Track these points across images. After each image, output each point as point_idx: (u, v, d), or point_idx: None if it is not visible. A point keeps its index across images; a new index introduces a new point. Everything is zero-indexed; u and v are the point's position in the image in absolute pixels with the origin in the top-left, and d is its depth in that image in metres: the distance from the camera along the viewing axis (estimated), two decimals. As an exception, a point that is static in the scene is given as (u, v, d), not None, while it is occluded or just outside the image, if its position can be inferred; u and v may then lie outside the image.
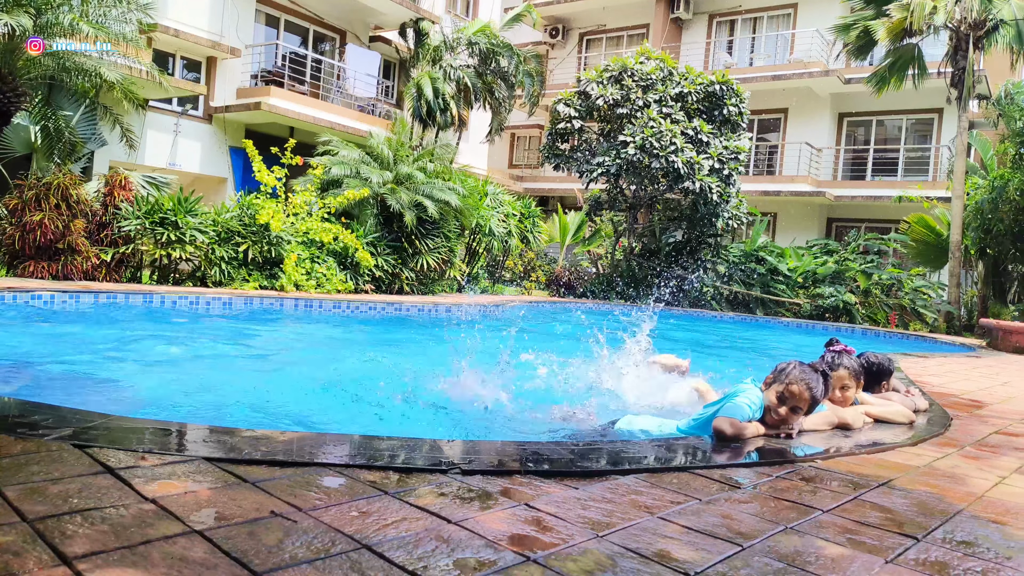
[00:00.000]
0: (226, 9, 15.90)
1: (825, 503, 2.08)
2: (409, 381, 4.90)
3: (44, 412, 2.39)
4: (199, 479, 1.80)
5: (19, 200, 8.57)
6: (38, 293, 7.20)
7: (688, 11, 21.83)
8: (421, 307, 10.15)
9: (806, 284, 14.94)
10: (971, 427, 3.64)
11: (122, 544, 1.38)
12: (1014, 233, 12.90)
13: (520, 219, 15.00)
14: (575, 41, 24.77)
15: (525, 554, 1.51)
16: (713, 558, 1.58)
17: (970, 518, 2.07)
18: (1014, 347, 9.62)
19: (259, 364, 5.42)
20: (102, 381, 4.36)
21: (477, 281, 14.43)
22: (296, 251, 9.99)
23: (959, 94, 13.52)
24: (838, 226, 20.72)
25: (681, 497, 2.02)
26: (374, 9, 18.39)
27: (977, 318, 13.22)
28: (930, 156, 19.68)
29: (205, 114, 15.83)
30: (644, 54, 15.37)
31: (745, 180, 19.28)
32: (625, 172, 14.32)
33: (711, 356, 7.70)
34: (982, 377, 6.21)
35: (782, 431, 2.86)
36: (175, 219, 9.09)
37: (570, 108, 15.30)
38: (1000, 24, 12.96)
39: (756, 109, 20.05)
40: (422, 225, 11.68)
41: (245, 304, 8.66)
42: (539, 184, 23.95)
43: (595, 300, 15.00)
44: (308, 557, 1.40)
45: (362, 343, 7.38)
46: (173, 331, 6.75)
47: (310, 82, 17.78)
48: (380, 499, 1.78)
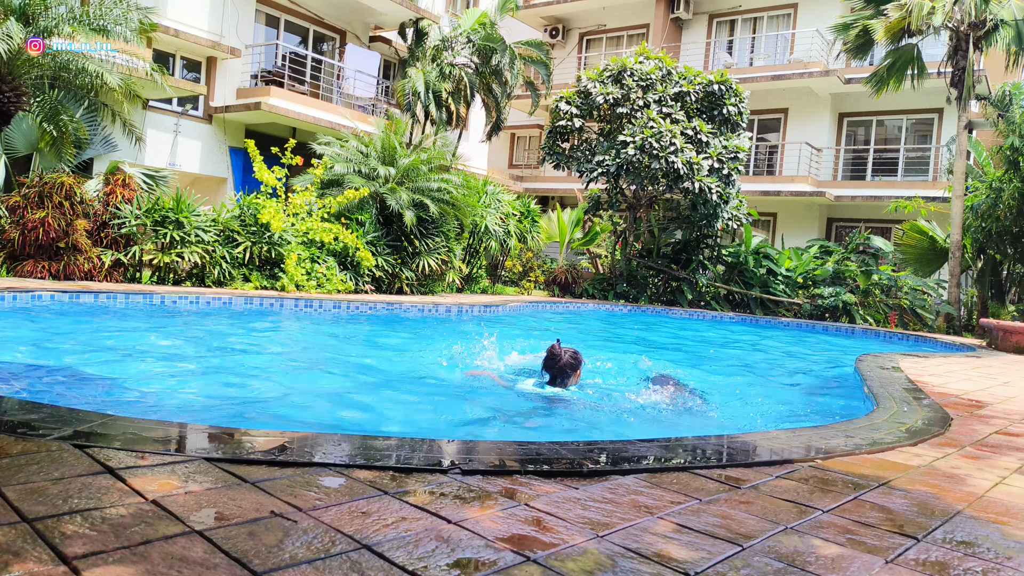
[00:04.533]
0: (226, 9, 15.91)
1: (825, 503, 2.08)
2: (409, 381, 4.90)
3: (44, 412, 2.39)
4: (199, 479, 1.80)
5: (20, 198, 8.56)
6: (38, 293, 7.19)
7: (688, 11, 21.83)
8: (421, 307, 10.14)
9: (806, 284, 14.93)
10: (971, 427, 3.64)
11: (122, 544, 1.38)
12: (1012, 234, 12.91)
13: (519, 219, 15.00)
14: (575, 41, 24.77)
15: (525, 554, 1.51)
16: (713, 558, 1.58)
17: (970, 518, 2.07)
18: (1014, 347, 9.62)
19: (259, 364, 5.41)
20: (102, 381, 4.36)
21: (477, 281, 14.43)
22: (296, 251, 9.99)
23: (959, 94, 13.52)
24: (838, 226, 20.72)
25: (681, 497, 2.02)
26: (374, 9, 18.39)
27: (977, 318, 13.21)
28: (930, 156, 19.68)
29: (205, 114, 15.83)
30: (643, 54, 15.37)
31: (745, 180, 19.28)
32: (625, 172, 14.31)
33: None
34: (982, 377, 6.20)
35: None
36: (176, 218, 9.10)
37: (571, 106, 15.30)
38: (1000, 24, 12.95)
39: (756, 109, 20.06)
40: (422, 225, 11.68)
41: (245, 304, 8.65)
42: (539, 184, 23.96)
43: (594, 300, 15.01)
44: (308, 557, 1.40)
45: (362, 343, 7.38)
46: (173, 331, 6.75)
47: (310, 82, 17.78)
48: (380, 499, 1.78)
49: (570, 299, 14.91)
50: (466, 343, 6.06)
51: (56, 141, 10.51)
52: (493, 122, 16.55)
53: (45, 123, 10.07)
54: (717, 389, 5.84)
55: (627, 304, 14.52)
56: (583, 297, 15.62)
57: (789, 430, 3.24)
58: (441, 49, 15.60)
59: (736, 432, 4.01)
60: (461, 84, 15.33)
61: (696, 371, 7.02)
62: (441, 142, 12.92)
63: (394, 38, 19.60)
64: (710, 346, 9.80)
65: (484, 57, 15.68)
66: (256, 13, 16.92)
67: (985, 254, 13.80)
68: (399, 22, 18.07)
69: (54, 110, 9.89)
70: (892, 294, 14.21)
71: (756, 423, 4.61)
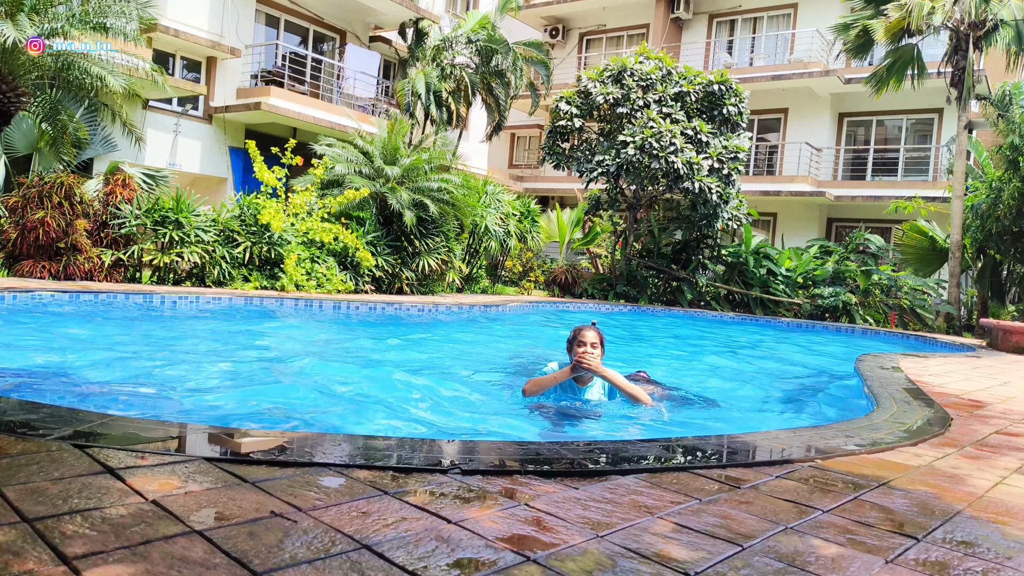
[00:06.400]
0: (226, 9, 15.91)
1: (825, 503, 2.08)
2: (408, 380, 4.90)
3: (44, 412, 2.39)
4: (199, 479, 1.80)
5: (20, 198, 8.56)
6: (38, 293, 7.19)
7: (688, 11, 21.83)
8: (421, 307, 10.14)
9: (806, 284, 14.94)
10: (971, 427, 3.64)
11: (122, 544, 1.38)
12: (1012, 233, 12.91)
13: (519, 219, 15.00)
14: (575, 41, 24.78)
15: (525, 554, 1.51)
16: (713, 558, 1.58)
17: (970, 518, 2.07)
18: (1014, 347, 9.62)
19: (259, 364, 5.41)
20: (102, 381, 4.36)
21: (477, 281, 14.43)
22: (296, 251, 9.99)
23: (959, 94, 13.52)
24: (838, 226, 20.72)
25: (681, 497, 2.02)
26: (374, 9, 18.40)
27: (977, 318, 13.21)
28: (930, 156, 19.68)
29: (205, 114, 15.83)
30: (643, 54, 15.37)
31: (745, 180, 19.28)
32: (625, 172, 14.32)
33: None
34: (982, 377, 6.20)
35: (583, 361, 3.98)
36: (176, 218, 9.10)
37: (571, 106, 15.31)
38: (1000, 24, 12.95)
39: (756, 109, 20.05)
40: (422, 225, 11.68)
41: (246, 304, 8.65)
42: (539, 184, 23.96)
43: (594, 300, 15.01)
44: (308, 557, 1.40)
45: (363, 343, 7.38)
46: (173, 331, 6.75)
47: (310, 82, 17.78)
48: (380, 499, 1.78)
49: (570, 299, 14.91)
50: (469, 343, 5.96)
51: (56, 141, 10.52)
52: (495, 122, 16.56)
53: (45, 123, 10.08)
54: (717, 389, 5.84)
55: (627, 304, 14.52)
56: (583, 297, 15.62)
57: (789, 430, 3.24)
58: (441, 49, 15.61)
59: (736, 432, 4.01)
60: (462, 84, 15.34)
61: (695, 371, 7.02)
62: (441, 142, 12.93)
63: (394, 38, 19.60)
64: (711, 347, 9.80)
65: (485, 57, 15.68)
66: (256, 13, 16.92)
67: (985, 254, 13.80)
68: (399, 22, 18.09)
69: (54, 110, 9.89)
70: (892, 294, 14.21)
71: (756, 423, 4.61)
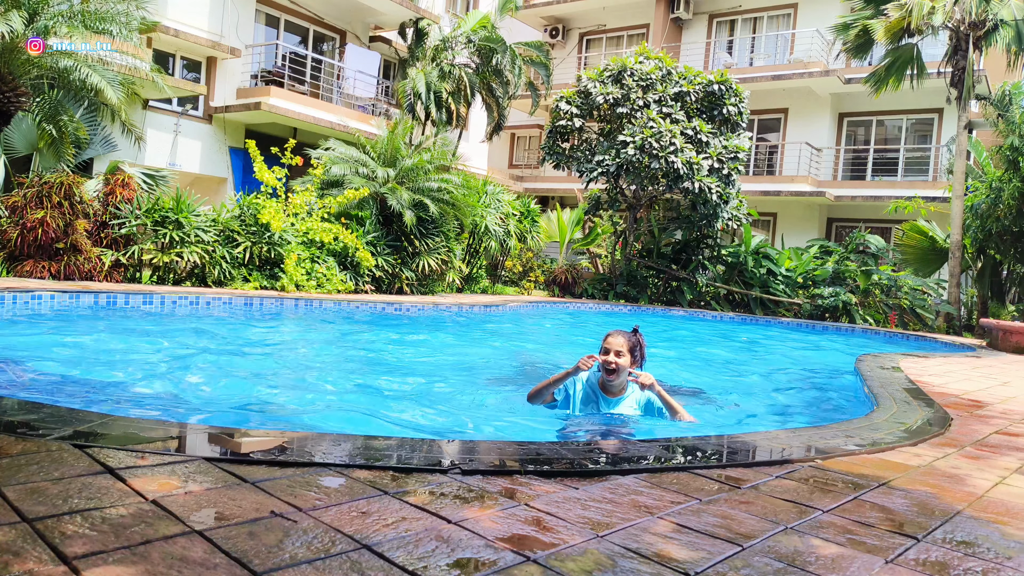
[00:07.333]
0: (226, 9, 15.91)
1: (825, 503, 2.08)
2: (408, 380, 4.91)
3: (44, 412, 2.39)
4: (199, 479, 1.80)
5: (20, 198, 8.56)
6: (38, 293, 7.19)
7: (688, 11, 21.83)
8: (421, 307, 10.14)
9: (806, 284, 14.93)
10: (971, 427, 3.64)
11: (122, 544, 1.38)
12: (1012, 233, 12.90)
13: (519, 219, 15.00)
14: (575, 41, 24.77)
15: (525, 554, 1.51)
16: (713, 558, 1.58)
17: (970, 518, 2.07)
18: (1014, 347, 9.62)
19: (259, 364, 5.41)
20: (102, 381, 4.36)
21: (477, 281, 14.43)
22: (296, 251, 9.99)
23: (959, 94, 13.51)
24: (838, 226, 20.72)
25: (681, 497, 2.02)
26: (374, 9, 18.40)
27: (977, 318, 13.21)
28: (930, 156, 19.68)
29: (205, 114, 15.84)
30: (643, 54, 15.37)
31: (745, 180, 19.28)
32: (625, 172, 14.31)
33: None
34: (982, 377, 6.20)
35: (610, 363, 3.81)
36: (176, 218, 9.09)
37: (571, 106, 15.31)
38: (1000, 24, 12.95)
39: (756, 109, 20.05)
40: (422, 225, 11.68)
41: (246, 304, 8.65)
42: (539, 184, 23.96)
43: (594, 300, 15.01)
44: (308, 557, 1.40)
45: (363, 343, 7.38)
46: (173, 331, 6.75)
47: (310, 82, 17.78)
48: (380, 499, 1.78)
49: (570, 299, 14.91)
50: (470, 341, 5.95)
51: (56, 141, 10.51)
52: (495, 122, 16.56)
53: (45, 123, 10.07)
54: (717, 389, 5.84)
55: (627, 304, 14.52)
56: (583, 297, 15.62)
57: (789, 430, 3.24)
58: (441, 49, 15.61)
59: (736, 432, 4.01)
60: (461, 84, 15.34)
61: (695, 371, 7.02)
62: (441, 142, 12.93)
63: (394, 38, 19.60)
64: (709, 345, 9.80)
65: (485, 57, 15.68)
66: (256, 13, 16.92)
67: (985, 254, 13.79)
68: (399, 22, 18.09)
69: (54, 110, 9.89)
70: (892, 294, 14.20)
71: (756, 423, 4.61)
